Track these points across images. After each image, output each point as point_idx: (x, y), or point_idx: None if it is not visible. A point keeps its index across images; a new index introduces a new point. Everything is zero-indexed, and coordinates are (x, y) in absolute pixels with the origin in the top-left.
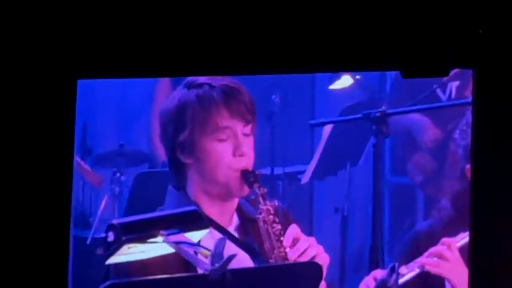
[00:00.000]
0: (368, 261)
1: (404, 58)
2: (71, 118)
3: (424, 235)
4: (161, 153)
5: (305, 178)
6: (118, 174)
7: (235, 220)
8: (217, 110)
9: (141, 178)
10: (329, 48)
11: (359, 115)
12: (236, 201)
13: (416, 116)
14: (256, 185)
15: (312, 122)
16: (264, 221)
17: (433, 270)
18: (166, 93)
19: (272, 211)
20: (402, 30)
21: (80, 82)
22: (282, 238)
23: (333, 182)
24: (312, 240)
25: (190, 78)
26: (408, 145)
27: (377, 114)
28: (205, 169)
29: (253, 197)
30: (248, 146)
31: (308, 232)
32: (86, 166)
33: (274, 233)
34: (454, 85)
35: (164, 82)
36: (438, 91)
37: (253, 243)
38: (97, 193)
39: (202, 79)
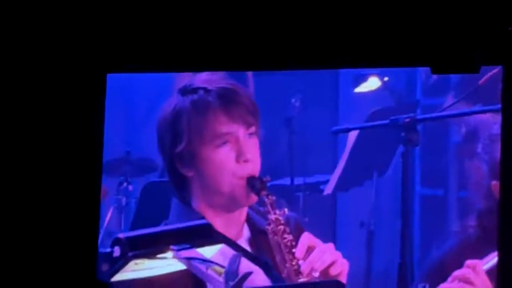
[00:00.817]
0: (396, 281)
1: (433, 55)
2: (100, 115)
3: (451, 255)
4: None
5: (328, 189)
6: (125, 184)
7: (246, 232)
8: (214, 115)
9: (150, 188)
10: (358, 44)
11: (386, 121)
12: (244, 212)
13: (484, 116)
14: (264, 193)
15: (336, 128)
16: (274, 232)
17: None
18: None
19: (282, 221)
20: (432, 27)
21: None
22: (294, 250)
23: (358, 193)
24: (329, 246)
25: (185, 83)
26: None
27: (406, 120)
28: (208, 179)
29: (262, 209)
30: (252, 150)
31: None
32: None
33: (285, 245)
34: None
35: (183, 78)
36: None
37: (266, 256)
38: (103, 204)
39: (197, 83)
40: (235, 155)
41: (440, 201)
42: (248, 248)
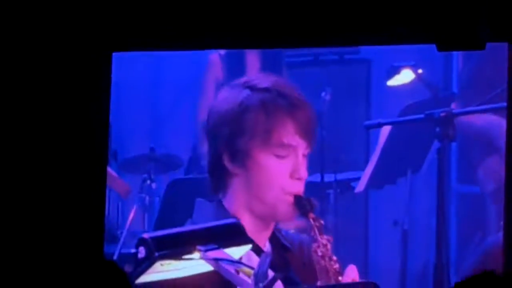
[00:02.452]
0: (432, 282)
1: (438, 31)
2: (106, 97)
3: (496, 250)
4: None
5: (359, 187)
6: (148, 182)
7: (268, 247)
8: (283, 122)
9: (175, 186)
10: (361, 20)
11: (421, 116)
12: (273, 224)
13: (494, 117)
14: (312, 216)
15: (368, 123)
16: (322, 257)
17: None
18: (214, 83)
19: (329, 247)
20: (437, 3)
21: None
22: (340, 278)
23: (391, 191)
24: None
25: (249, 79)
26: (481, 149)
27: (442, 114)
28: (256, 185)
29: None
30: (305, 170)
31: (364, 248)
32: (112, 173)
33: (333, 271)
34: None
35: (212, 73)
36: None
37: (292, 273)
38: (125, 202)
39: (267, 82)
40: (291, 169)
41: (477, 199)
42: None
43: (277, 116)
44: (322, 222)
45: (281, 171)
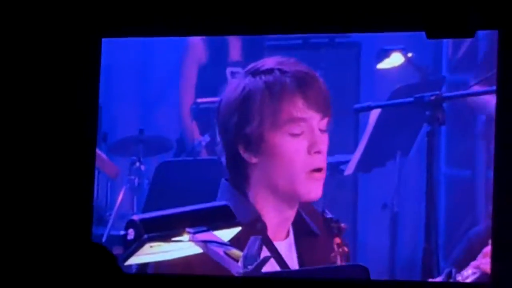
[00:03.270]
0: (420, 266)
1: (429, 19)
2: (95, 81)
3: (479, 240)
4: (193, 133)
5: (348, 170)
6: (137, 164)
7: (291, 233)
8: (291, 99)
9: (164, 168)
10: (353, 8)
11: (411, 99)
12: (295, 210)
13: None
14: (337, 242)
15: (357, 106)
16: None
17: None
18: (196, 64)
19: None
20: None
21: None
22: None
23: (380, 174)
24: None
25: (254, 64)
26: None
27: (432, 98)
28: (275, 168)
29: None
30: (324, 143)
31: (352, 231)
32: (102, 154)
33: None
34: None
35: (194, 54)
36: None
37: (311, 260)
38: (114, 184)
39: (270, 64)
40: (307, 145)
41: (467, 182)
42: (294, 249)
43: (283, 94)
44: (346, 249)
45: (298, 148)
